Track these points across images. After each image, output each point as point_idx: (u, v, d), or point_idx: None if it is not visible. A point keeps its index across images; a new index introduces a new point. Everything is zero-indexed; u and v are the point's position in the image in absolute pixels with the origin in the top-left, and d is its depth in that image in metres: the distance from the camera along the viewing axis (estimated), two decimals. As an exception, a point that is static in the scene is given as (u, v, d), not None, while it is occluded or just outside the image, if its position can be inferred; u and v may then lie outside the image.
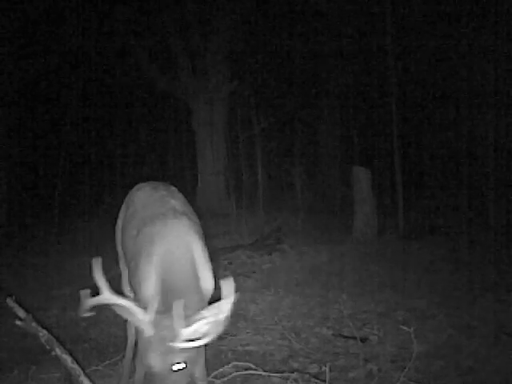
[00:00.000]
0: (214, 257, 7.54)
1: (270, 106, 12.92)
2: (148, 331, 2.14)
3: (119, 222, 3.26)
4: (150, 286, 2.52)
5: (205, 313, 2.15)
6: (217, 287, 2.46)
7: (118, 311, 2.25)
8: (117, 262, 3.30)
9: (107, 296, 2.22)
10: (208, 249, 2.81)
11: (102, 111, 14.70)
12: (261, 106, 11.64)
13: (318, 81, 13.56)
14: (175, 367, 2.15)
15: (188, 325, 2.10)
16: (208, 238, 3.87)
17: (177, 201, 3.04)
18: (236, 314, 4.82)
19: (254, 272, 6.42)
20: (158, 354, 2.14)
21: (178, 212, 2.82)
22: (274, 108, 13.20)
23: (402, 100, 11.21)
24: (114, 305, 2.23)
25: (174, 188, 3.39)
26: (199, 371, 2.85)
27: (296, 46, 12.95)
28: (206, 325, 2.13)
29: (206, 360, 3.67)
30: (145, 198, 3.11)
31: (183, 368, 2.17)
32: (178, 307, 2.09)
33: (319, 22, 12.74)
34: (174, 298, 2.18)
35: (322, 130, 13.69)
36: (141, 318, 2.16)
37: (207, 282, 2.65)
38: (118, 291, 2.35)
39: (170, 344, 2.11)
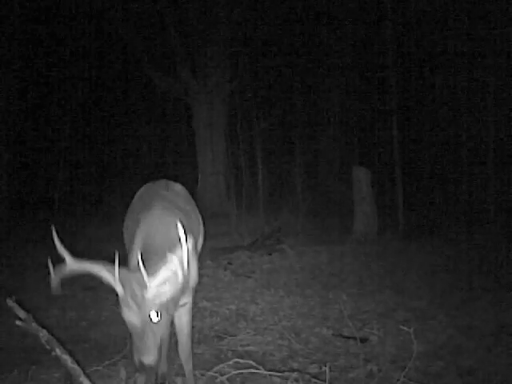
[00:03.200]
0: (213, 257, 7.52)
1: (270, 106, 12.91)
2: (118, 288, 2.26)
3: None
4: (135, 255, 2.67)
5: (166, 264, 2.31)
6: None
7: (93, 274, 2.37)
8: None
9: (72, 264, 2.39)
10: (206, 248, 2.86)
11: (102, 111, 14.71)
12: (261, 105, 11.63)
13: (319, 81, 13.55)
14: (153, 316, 2.27)
15: (153, 274, 2.26)
16: (208, 238, 3.87)
17: (171, 194, 3.25)
18: (236, 314, 4.82)
19: (254, 272, 6.42)
20: (132, 307, 2.25)
21: (165, 202, 3.03)
22: (274, 108, 13.19)
23: (403, 100, 11.21)
24: (81, 271, 2.38)
25: (174, 186, 3.52)
26: (184, 340, 3.01)
27: (296, 46, 12.94)
28: (169, 273, 2.28)
29: (206, 360, 3.68)
30: (143, 191, 3.45)
31: (158, 317, 2.28)
32: (141, 261, 2.23)
33: (320, 22, 12.74)
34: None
35: (322, 130, 13.68)
36: (108, 276, 2.29)
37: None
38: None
39: (142, 295, 2.24)
